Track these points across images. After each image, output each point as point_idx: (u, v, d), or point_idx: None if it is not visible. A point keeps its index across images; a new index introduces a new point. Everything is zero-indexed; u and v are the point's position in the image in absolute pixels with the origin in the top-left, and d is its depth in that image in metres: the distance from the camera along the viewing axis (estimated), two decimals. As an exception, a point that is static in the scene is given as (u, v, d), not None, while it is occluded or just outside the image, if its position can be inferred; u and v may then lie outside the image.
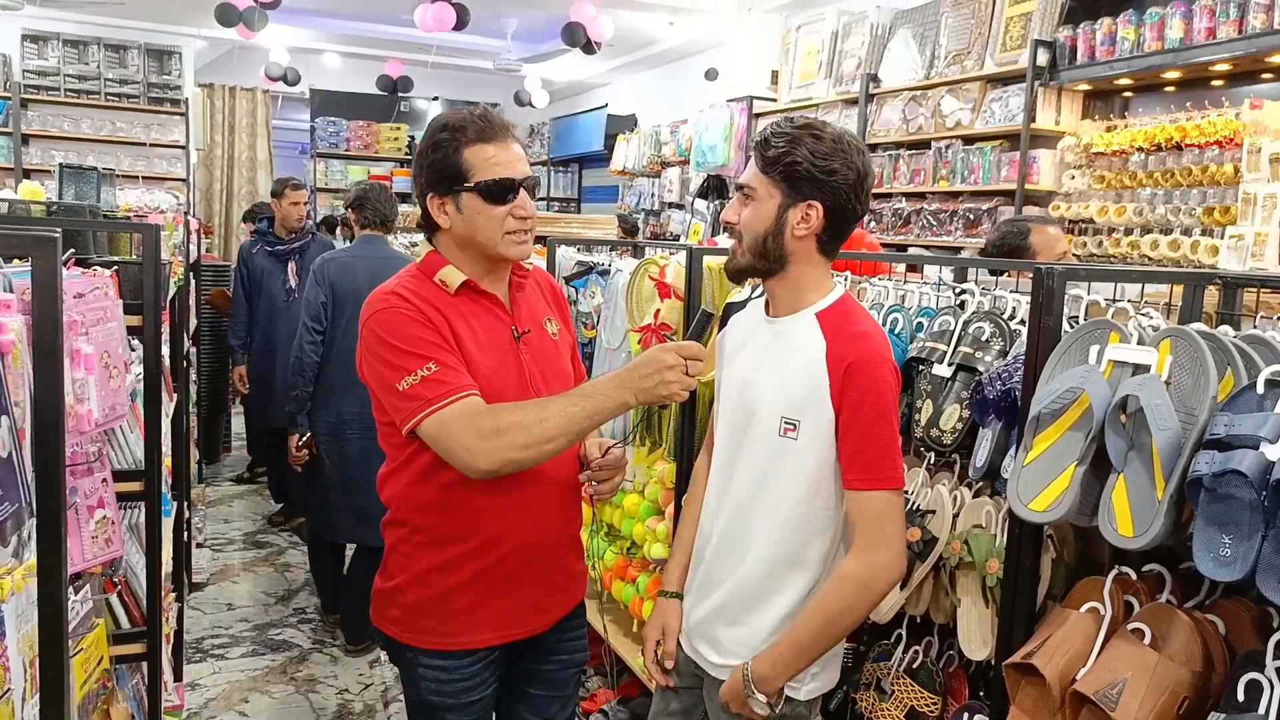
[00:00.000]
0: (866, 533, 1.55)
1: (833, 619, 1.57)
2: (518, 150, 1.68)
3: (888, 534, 1.54)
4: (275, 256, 4.94)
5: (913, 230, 5.22)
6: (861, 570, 1.55)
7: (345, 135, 10.27)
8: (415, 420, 1.56)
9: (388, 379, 1.60)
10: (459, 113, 1.66)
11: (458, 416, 1.55)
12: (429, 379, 1.56)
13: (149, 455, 2.04)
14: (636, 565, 2.88)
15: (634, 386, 1.57)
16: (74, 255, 1.81)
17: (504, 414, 1.56)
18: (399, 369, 1.58)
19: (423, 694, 1.74)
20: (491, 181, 1.63)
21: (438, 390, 1.56)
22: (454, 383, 1.57)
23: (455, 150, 1.63)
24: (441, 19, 6.63)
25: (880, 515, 1.54)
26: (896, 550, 1.55)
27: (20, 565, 1.04)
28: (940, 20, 5.18)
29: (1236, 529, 1.17)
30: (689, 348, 1.58)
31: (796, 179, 1.56)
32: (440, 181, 1.65)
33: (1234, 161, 3.68)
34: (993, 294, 1.95)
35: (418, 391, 1.56)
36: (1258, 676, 1.23)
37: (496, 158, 1.64)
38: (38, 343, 1.08)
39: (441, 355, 1.59)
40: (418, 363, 1.57)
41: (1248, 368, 1.29)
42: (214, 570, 4.45)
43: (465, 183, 1.63)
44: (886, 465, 1.55)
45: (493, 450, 1.54)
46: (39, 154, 8.40)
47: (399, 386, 1.57)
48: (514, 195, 1.65)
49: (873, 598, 1.57)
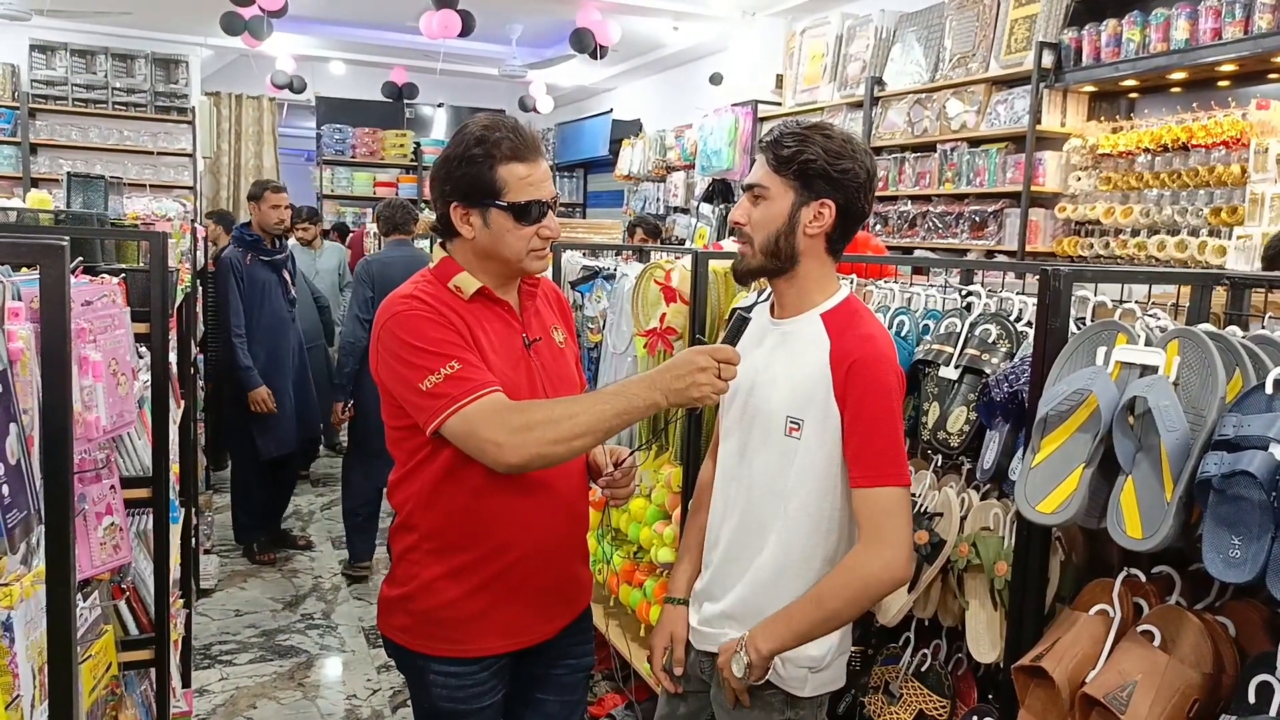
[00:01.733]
0: (871, 529, 1.55)
1: (824, 603, 1.56)
2: (546, 169, 1.69)
3: (891, 530, 1.54)
4: (272, 267, 4.61)
5: (919, 233, 5.22)
6: (861, 564, 1.55)
7: (351, 142, 10.30)
8: (441, 418, 1.55)
9: (409, 379, 1.59)
10: (492, 125, 1.65)
11: (485, 412, 1.54)
12: (452, 377, 1.56)
13: (156, 462, 2.05)
14: (644, 569, 2.88)
15: (665, 387, 1.54)
16: (82, 263, 1.82)
17: (534, 409, 1.56)
18: (421, 369, 1.57)
19: (433, 701, 1.74)
20: (524, 203, 1.63)
21: (462, 387, 1.55)
22: (478, 379, 1.57)
23: (490, 167, 1.62)
24: (447, 25, 6.65)
25: (884, 512, 1.54)
26: (899, 548, 1.54)
27: (29, 572, 1.04)
28: (945, 23, 5.18)
29: (1246, 530, 1.16)
30: (722, 351, 1.55)
31: (810, 177, 1.57)
32: (470, 194, 1.65)
33: (1241, 162, 3.67)
34: (999, 295, 1.94)
35: (442, 390, 1.55)
36: (1269, 679, 1.22)
37: (530, 178, 1.64)
38: (46, 350, 1.09)
39: (463, 354, 1.59)
40: (440, 361, 1.56)
41: (1256, 368, 1.29)
42: (222, 576, 4.46)
43: (497, 199, 1.63)
44: (891, 463, 1.55)
45: (523, 444, 1.52)
46: (47, 163, 8.45)
47: (422, 386, 1.57)
48: (542, 215, 1.66)
49: (871, 593, 1.57)
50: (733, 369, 1.54)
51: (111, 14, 7.75)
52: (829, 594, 1.57)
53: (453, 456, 1.63)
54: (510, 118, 1.68)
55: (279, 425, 4.56)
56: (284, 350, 4.61)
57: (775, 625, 1.60)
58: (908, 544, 1.56)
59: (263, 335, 4.54)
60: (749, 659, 1.59)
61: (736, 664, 1.61)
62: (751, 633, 1.61)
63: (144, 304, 2.06)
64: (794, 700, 1.66)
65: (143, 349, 2.05)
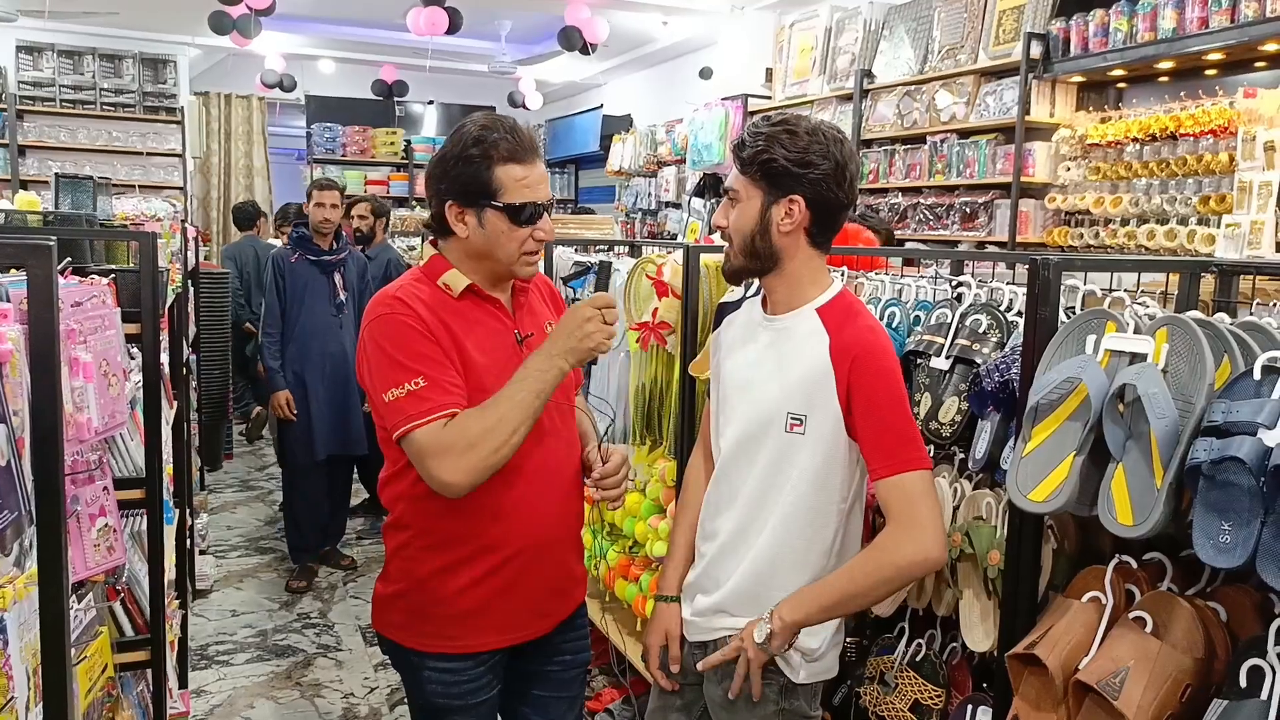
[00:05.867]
0: (901, 515, 1.54)
1: (856, 581, 1.57)
2: (543, 170, 1.70)
3: (922, 513, 1.53)
4: (319, 267, 4.29)
5: (909, 225, 5.23)
6: (895, 545, 1.54)
7: (341, 141, 10.27)
8: (398, 433, 1.58)
9: (376, 386, 1.61)
10: (490, 126, 1.65)
11: (433, 436, 1.56)
12: (415, 394, 1.57)
13: (150, 463, 2.05)
14: (639, 564, 2.89)
15: (562, 350, 1.62)
16: (71, 264, 1.81)
17: (471, 426, 1.57)
18: (388, 380, 1.59)
19: (428, 697, 1.75)
20: (520, 204, 1.64)
21: (420, 406, 1.57)
22: (437, 400, 1.57)
23: (487, 167, 1.62)
24: (434, 22, 6.63)
25: (914, 496, 1.53)
26: (932, 529, 1.53)
27: (22, 574, 1.04)
28: (933, 15, 5.18)
29: (1236, 515, 1.17)
30: (599, 298, 1.64)
31: (774, 175, 1.57)
32: (466, 194, 1.65)
33: (1229, 150, 3.68)
34: (989, 286, 1.95)
35: (401, 405, 1.57)
36: (1259, 662, 1.23)
37: (527, 179, 1.64)
38: (35, 351, 1.09)
39: (432, 369, 1.59)
40: (407, 375, 1.58)
41: (1244, 355, 1.29)
42: (218, 577, 4.45)
43: (493, 200, 1.63)
44: (909, 448, 1.55)
45: (468, 466, 1.56)
46: (35, 165, 8.41)
47: (385, 397, 1.59)
48: (537, 217, 1.66)
49: (904, 575, 1.56)
50: (614, 312, 1.63)
51: (99, 14, 7.71)
52: (861, 573, 1.57)
53: None
54: (509, 118, 1.68)
55: (304, 432, 4.30)
56: (317, 355, 4.28)
57: (803, 597, 1.60)
58: (940, 525, 1.55)
59: (299, 336, 4.28)
60: (772, 627, 1.60)
61: (759, 631, 1.61)
62: (779, 604, 1.61)
63: (135, 304, 2.05)
64: (788, 690, 1.67)
65: (134, 349, 2.05)
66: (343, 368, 4.27)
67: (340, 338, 4.29)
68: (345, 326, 4.29)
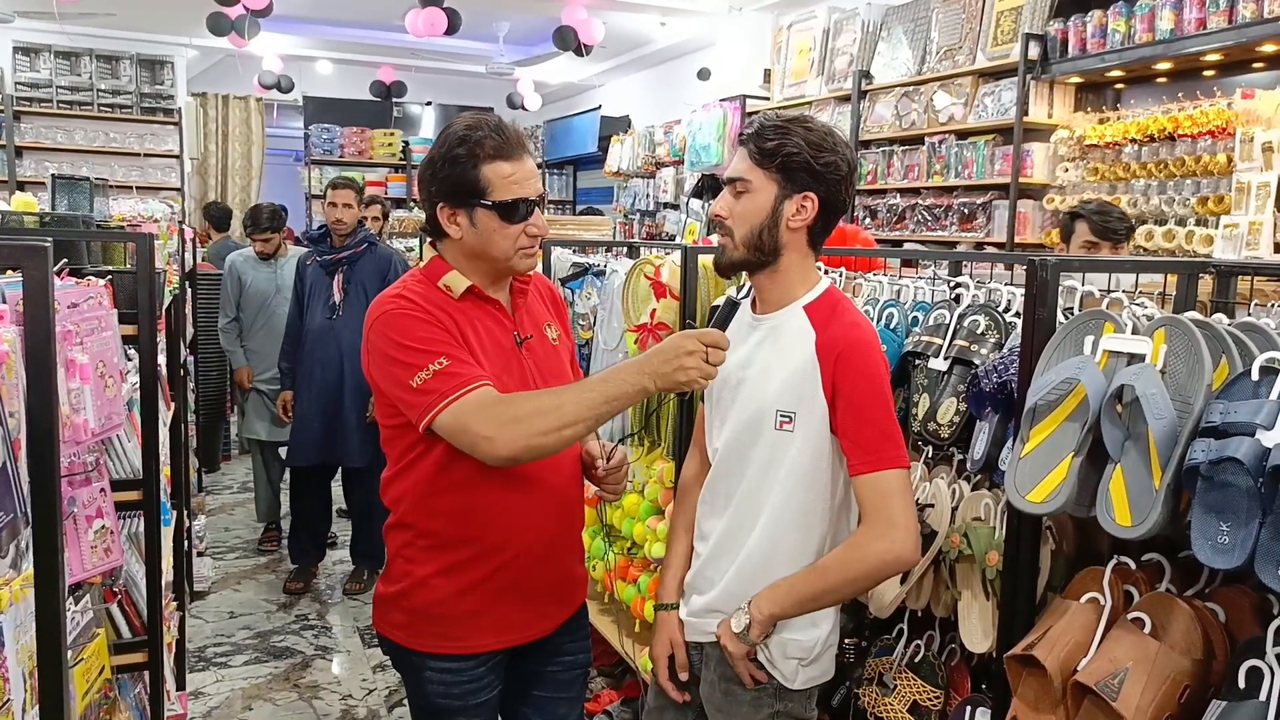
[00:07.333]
0: (875, 513, 1.54)
1: (827, 576, 1.57)
2: (532, 166, 1.68)
3: (897, 511, 1.53)
4: (324, 267, 4.19)
5: (908, 225, 5.23)
6: (866, 544, 1.54)
7: (339, 142, 10.26)
8: (432, 414, 1.55)
9: (400, 377, 1.59)
10: (475, 125, 1.64)
11: (474, 406, 1.54)
12: (441, 373, 1.56)
13: (147, 464, 2.04)
14: (638, 565, 2.88)
15: (653, 371, 1.52)
16: (68, 265, 1.81)
17: (521, 401, 1.56)
18: (410, 366, 1.57)
19: (429, 697, 1.75)
20: (509, 201, 1.63)
21: (451, 383, 1.55)
22: (467, 374, 1.57)
23: (473, 166, 1.62)
24: (433, 24, 6.63)
25: (888, 494, 1.54)
26: (904, 529, 1.53)
27: (18, 576, 1.04)
28: (931, 16, 5.19)
29: (1234, 516, 1.17)
30: (710, 334, 1.53)
31: (793, 170, 1.57)
32: (455, 194, 1.64)
33: (1227, 151, 3.68)
34: (987, 286, 1.95)
35: (431, 385, 1.56)
36: (1258, 663, 1.23)
37: (514, 176, 1.63)
38: (31, 353, 1.08)
39: (451, 350, 1.59)
40: (429, 358, 1.57)
41: (1242, 355, 1.29)
42: (216, 578, 4.44)
43: (482, 199, 1.63)
44: (888, 445, 1.55)
45: (512, 437, 1.52)
46: (32, 166, 8.40)
47: (412, 383, 1.57)
48: (529, 213, 1.65)
49: (875, 573, 1.57)
50: (720, 353, 1.53)
51: (96, 15, 7.71)
52: (833, 568, 1.58)
53: (445, 454, 1.63)
54: (494, 116, 1.68)
55: (297, 433, 4.24)
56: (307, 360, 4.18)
57: (780, 590, 1.61)
58: (913, 524, 1.55)
59: (303, 340, 4.21)
60: (749, 617, 1.60)
61: (736, 621, 1.62)
62: (757, 595, 1.62)
63: (131, 306, 2.05)
64: (783, 693, 1.67)
65: (131, 351, 2.04)
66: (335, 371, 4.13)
67: (336, 340, 4.13)
68: (338, 330, 4.11)
